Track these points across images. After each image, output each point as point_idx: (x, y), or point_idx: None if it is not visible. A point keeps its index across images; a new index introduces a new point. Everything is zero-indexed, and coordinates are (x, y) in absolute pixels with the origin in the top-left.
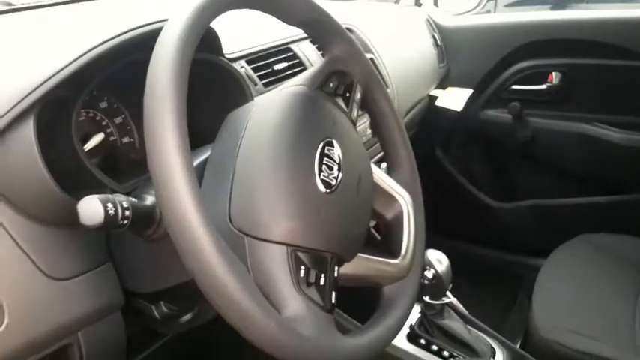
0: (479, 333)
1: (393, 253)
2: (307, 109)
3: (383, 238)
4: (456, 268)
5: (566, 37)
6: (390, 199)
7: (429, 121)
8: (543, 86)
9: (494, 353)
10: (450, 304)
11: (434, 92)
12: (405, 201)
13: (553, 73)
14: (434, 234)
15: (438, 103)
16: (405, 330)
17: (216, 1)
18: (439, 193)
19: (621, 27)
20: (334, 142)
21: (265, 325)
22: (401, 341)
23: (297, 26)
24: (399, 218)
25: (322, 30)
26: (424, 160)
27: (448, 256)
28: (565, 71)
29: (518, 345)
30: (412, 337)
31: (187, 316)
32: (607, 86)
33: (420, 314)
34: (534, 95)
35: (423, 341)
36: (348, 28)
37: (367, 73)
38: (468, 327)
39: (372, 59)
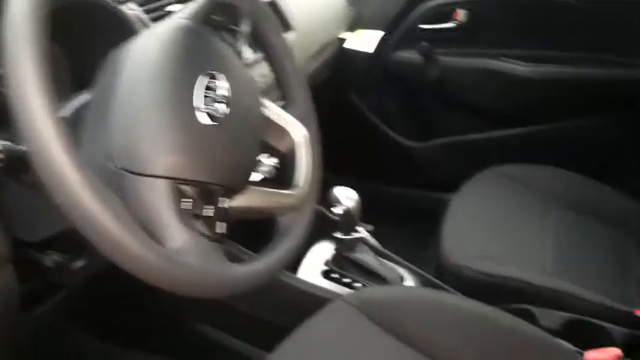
0: (390, 263)
1: (288, 184)
2: (189, 42)
3: (278, 170)
4: (375, 208)
5: None
6: (283, 132)
7: (342, 65)
8: (451, 24)
9: (402, 279)
10: (361, 239)
11: (344, 35)
12: (299, 134)
13: (459, 10)
14: (351, 176)
15: (347, 45)
16: (320, 267)
17: None
18: (355, 136)
19: None
20: (219, 75)
21: (143, 255)
22: (315, 278)
23: None
24: (293, 151)
25: None
26: (339, 103)
27: (366, 198)
28: (471, 8)
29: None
30: (326, 273)
31: (79, 263)
32: (512, 21)
33: (334, 251)
34: (443, 34)
35: (336, 276)
36: None
37: (254, 6)
38: (380, 259)
39: (274, 1)
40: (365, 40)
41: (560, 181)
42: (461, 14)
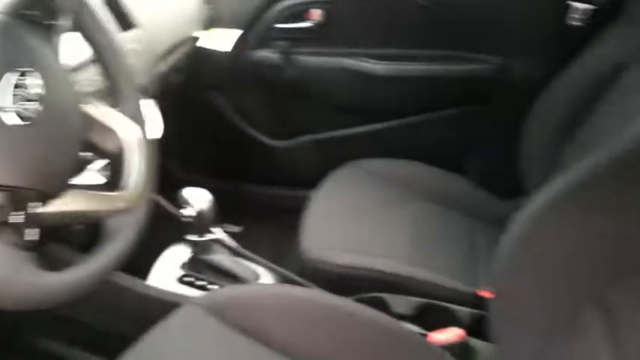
0: (248, 263)
1: (116, 186)
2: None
3: (108, 170)
4: (240, 208)
5: None
6: (111, 132)
7: (199, 64)
8: (307, 24)
9: (258, 278)
10: (217, 240)
11: (199, 34)
12: (128, 134)
13: (315, 10)
14: (214, 177)
15: (202, 44)
16: (175, 272)
17: None
18: (218, 136)
19: None
20: (30, 72)
21: None
22: (169, 283)
23: None
24: (121, 151)
25: None
26: (199, 103)
27: (231, 198)
28: (325, 8)
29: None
30: (181, 278)
31: None
32: (366, 21)
33: (188, 254)
34: (299, 33)
35: (191, 279)
36: None
37: (75, 4)
38: (237, 259)
39: None
40: (221, 39)
41: (418, 173)
42: (316, 14)
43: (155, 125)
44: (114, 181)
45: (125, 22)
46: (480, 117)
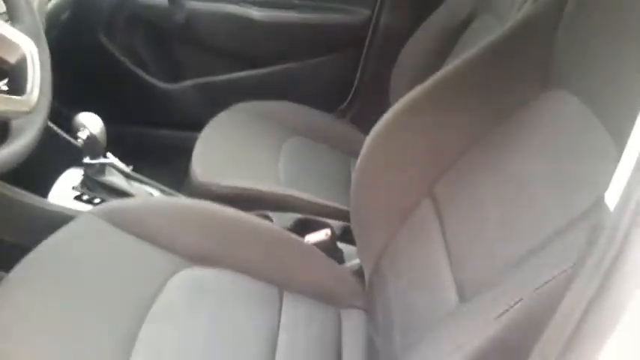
0: (140, 185)
1: (20, 91)
2: None
3: (10, 79)
4: (131, 151)
5: None
6: (13, 44)
7: (84, 5)
8: None
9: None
10: (110, 164)
11: None
12: (27, 45)
13: None
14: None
15: None
16: (71, 192)
17: None
18: (107, 80)
19: None
20: None
21: None
22: (67, 201)
23: None
24: (23, 61)
25: None
26: (88, 47)
27: (121, 140)
28: None
29: None
30: (78, 198)
31: None
32: None
33: (82, 176)
34: None
35: (86, 197)
36: None
37: None
38: (130, 181)
39: None
40: None
41: (296, 113)
42: None
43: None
44: (16, 87)
45: None
46: (352, 62)
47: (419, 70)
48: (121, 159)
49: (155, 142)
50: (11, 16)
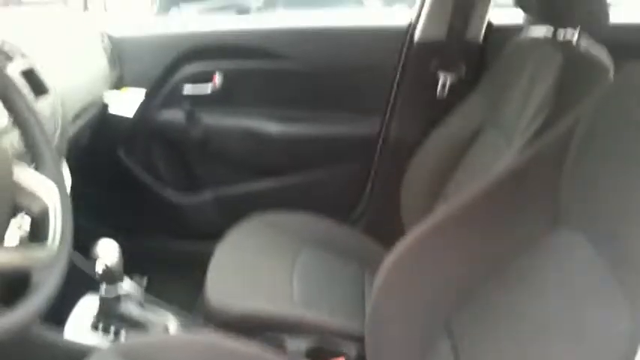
0: (156, 313)
1: (42, 239)
2: None
3: (32, 230)
4: (147, 263)
5: (224, 43)
6: (34, 194)
7: (107, 124)
8: (209, 87)
9: (167, 327)
10: (126, 291)
11: (108, 95)
12: (50, 193)
13: (217, 74)
14: (123, 234)
15: (111, 105)
16: (88, 321)
17: None
18: (127, 194)
19: (270, 35)
20: None
21: None
22: (83, 332)
23: None
24: (45, 210)
25: None
26: (108, 162)
27: (140, 253)
28: (226, 73)
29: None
30: (93, 327)
31: None
32: (261, 84)
33: (98, 307)
34: (203, 95)
35: (102, 328)
36: (3, 40)
37: (3, 81)
38: (146, 309)
39: (29, 67)
40: (129, 99)
41: (309, 224)
42: (217, 78)
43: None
44: (37, 237)
45: (38, 88)
46: (364, 172)
47: (430, 181)
48: (137, 271)
49: (171, 253)
50: (35, 162)
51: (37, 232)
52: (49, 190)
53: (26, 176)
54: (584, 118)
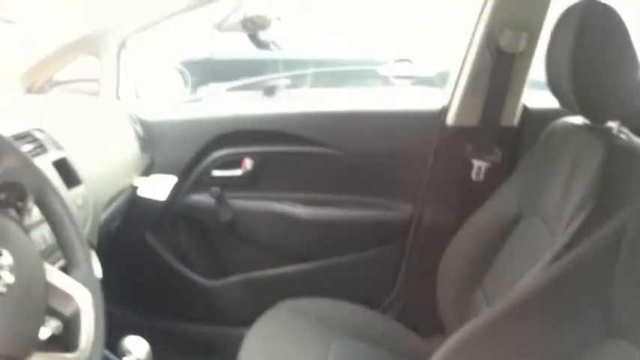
0: None
1: (74, 346)
2: None
3: (63, 333)
4: (174, 347)
5: (253, 128)
6: (67, 297)
7: (137, 209)
8: (239, 171)
9: None
10: None
11: (138, 181)
12: (82, 297)
13: (246, 159)
14: (150, 318)
15: (141, 191)
16: None
17: None
18: (153, 278)
19: (300, 119)
20: (3, 251)
21: None
22: None
23: None
24: (77, 314)
25: None
26: (135, 247)
27: (166, 340)
28: (256, 158)
29: None
30: None
31: None
32: (291, 167)
33: None
34: (232, 180)
35: None
36: (38, 128)
37: (38, 181)
38: None
39: (62, 157)
40: (159, 185)
41: (341, 311)
42: (247, 162)
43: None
44: (70, 342)
45: (71, 179)
46: (396, 258)
47: (466, 268)
48: (165, 356)
49: (199, 338)
50: (68, 263)
51: (69, 336)
52: (81, 293)
53: (60, 279)
54: (634, 217)
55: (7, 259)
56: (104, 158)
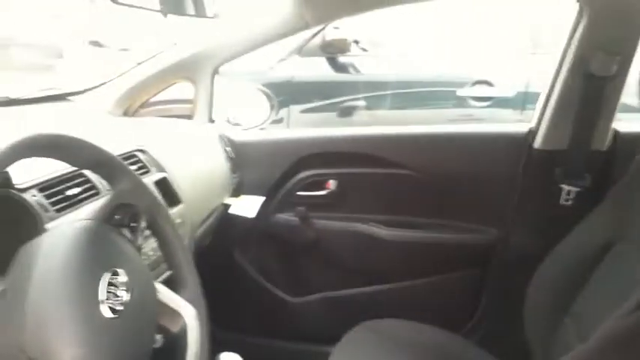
0: None
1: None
2: (93, 242)
3: (170, 349)
4: None
5: (338, 150)
6: (175, 314)
7: (226, 227)
8: (323, 192)
9: None
10: None
11: (228, 201)
12: (189, 315)
13: (330, 180)
14: (235, 333)
15: (231, 210)
16: None
17: (9, 153)
18: (240, 294)
19: (382, 141)
20: (119, 270)
21: None
22: None
23: (85, 168)
24: (184, 330)
25: (107, 169)
26: (224, 264)
27: (250, 354)
28: (340, 179)
29: None
30: None
31: None
32: (374, 190)
33: None
34: (317, 200)
35: None
36: (140, 149)
37: (151, 203)
38: None
39: (164, 178)
40: (247, 205)
41: (422, 334)
42: (332, 184)
43: None
44: (173, 357)
45: (172, 199)
46: (481, 282)
47: (555, 295)
48: None
49: (282, 354)
50: (176, 282)
51: (175, 353)
52: (189, 311)
53: (169, 297)
54: None
55: (123, 278)
56: (199, 179)
